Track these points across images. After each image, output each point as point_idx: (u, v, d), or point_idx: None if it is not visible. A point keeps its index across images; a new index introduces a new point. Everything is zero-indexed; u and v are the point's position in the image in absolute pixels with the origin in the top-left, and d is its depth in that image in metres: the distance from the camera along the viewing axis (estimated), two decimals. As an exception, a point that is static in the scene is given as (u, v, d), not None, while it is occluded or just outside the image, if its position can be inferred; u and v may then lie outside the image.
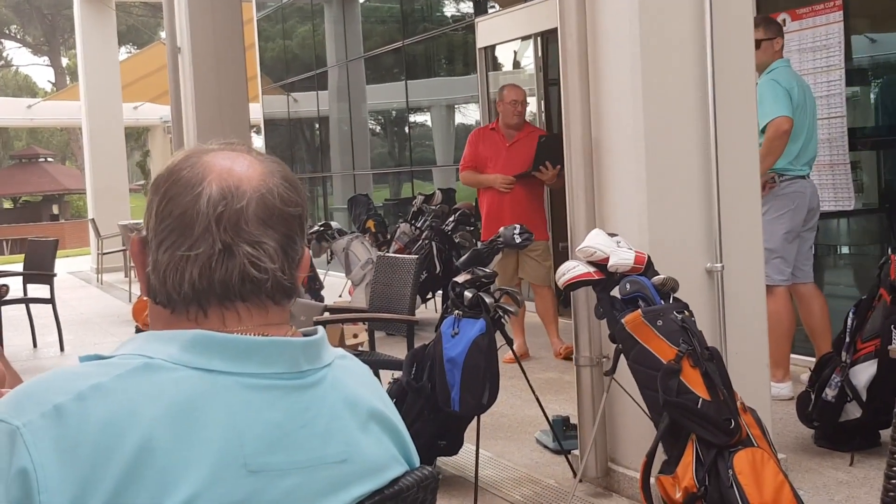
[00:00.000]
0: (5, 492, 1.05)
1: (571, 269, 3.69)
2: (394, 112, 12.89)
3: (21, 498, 1.05)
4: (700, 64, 3.97)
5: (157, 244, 1.21)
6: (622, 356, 3.53)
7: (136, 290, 11.58)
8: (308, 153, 15.32)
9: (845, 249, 6.64)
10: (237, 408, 1.16)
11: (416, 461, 1.40)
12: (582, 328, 4.15)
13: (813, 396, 4.44)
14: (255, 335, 1.22)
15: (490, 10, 9.52)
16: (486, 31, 9.11)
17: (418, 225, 8.50)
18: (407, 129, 12.28)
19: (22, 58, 75.39)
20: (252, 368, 1.18)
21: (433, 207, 8.58)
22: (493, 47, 9.31)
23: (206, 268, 1.18)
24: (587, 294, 4.01)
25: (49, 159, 40.27)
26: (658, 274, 3.54)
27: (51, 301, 8.61)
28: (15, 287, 9.29)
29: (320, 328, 1.33)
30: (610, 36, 4.05)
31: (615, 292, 3.58)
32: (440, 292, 8.18)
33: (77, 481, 1.06)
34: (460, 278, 4.20)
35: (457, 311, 4.09)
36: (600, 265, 3.62)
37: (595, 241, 3.66)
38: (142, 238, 1.25)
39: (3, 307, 8.22)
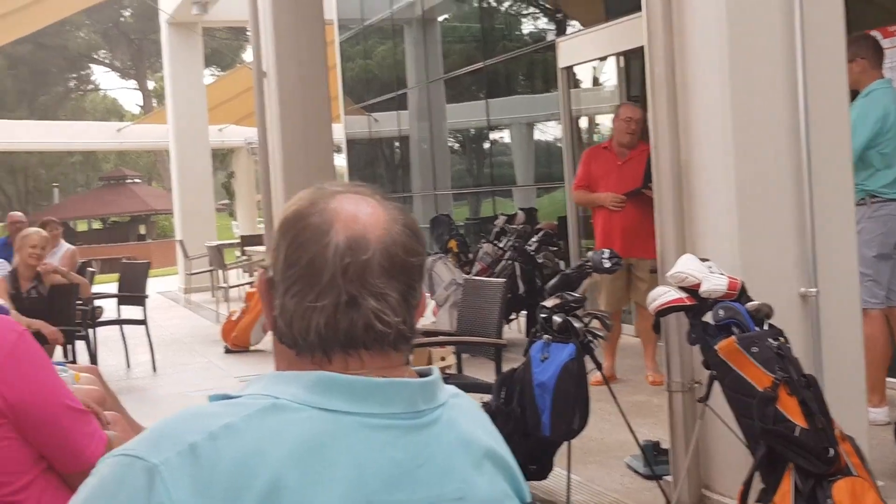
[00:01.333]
0: None
1: (662, 295, 3.68)
2: (474, 131, 12.95)
3: None
4: (791, 83, 3.92)
5: (284, 289, 1.24)
6: (716, 382, 3.49)
7: (223, 310, 11.82)
8: (388, 173, 15.47)
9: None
10: (360, 447, 1.18)
11: (528, 497, 1.42)
12: (673, 353, 4.12)
13: (911, 422, 4.33)
14: (374, 377, 1.25)
15: (571, 31, 9.53)
16: (568, 50, 9.11)
17: (501, 245, 8.52)
18: (487, 148, 12.33)
19: (110, 82, 77.60)
20: (372, 409, 1.21)
21: (516, 227, 8.59)
22: (575, 66, 9.31)
23: (332, 318, 1.21)
24: (678, 319, 3.99)
25: (136, 180, 41.38)
26: (752, 300, 3.51)
27: (143, 322, 8.82)
28: (109, 308, 9.58)
29: (434, 368, 1.35)
30: (698, 57, 4.03)
31: (708, 318, 3.55)
32: (524, 312, 8.20)
33: None
34: (549, 303, 4.21)
35: (546, 336, 4.10)
36: (692, 291, 3.60)
37: (686, 267, 3.64)
38: (269, 279, 1.28)
39: (98, 328, 8.47)
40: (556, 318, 4.08)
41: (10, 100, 40.19)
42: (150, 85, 44.40)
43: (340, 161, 17.50)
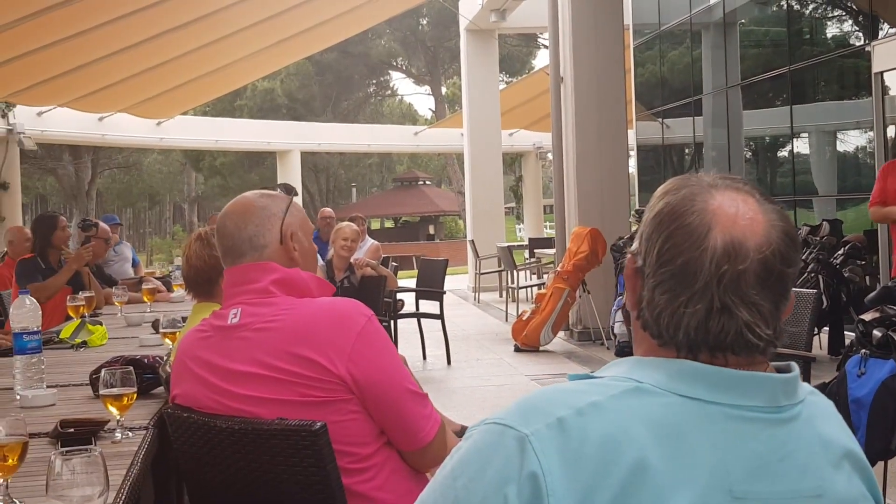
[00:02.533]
0: (518, 492, 1.15)
1: None
2: (769, 138, 12.48)
3: (531, 500, 1.14)
4: None
5: (654, 284, 1.27)
6: None
7: (513, 310, 12.08)
8: (679, 180, 15.15)
9: None
10: (721, 436, 1.21)
11: (882, 502, 1.39)
12: None
13: None
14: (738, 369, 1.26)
15: (883, 35, 8.99)
16: (884, 54, 8.61)
17: (803, 257, 8.18)
18: (787, 156, 11.84)
19: (405, 87, 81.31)
20: (734, 400, 1.23)
21: (819, 239, 8.23)
22: (890, 71, 8.78)
23: (703, 323, 1.23)
24: None
25: (427, 182, 43.14)
26: None
27: (440, 317, 9.17)
28: (407, 301, 10.06)
29: (794, 364, 1.35)
30: None
31: None
32: (825, 329, 7.83)
33: (579, 490, 1.14)
34: (867, 316, 4.02)
35: (863, 351, 3.92)
36: None
37: None
38: (637, 268, 1.30)
39: (398, 320, 8.92)
40: (876, 333, 3.89)
41: (316, 105, 43.05)
42: (443, 91, 45.99)
43: (631, 168, 17.40)
